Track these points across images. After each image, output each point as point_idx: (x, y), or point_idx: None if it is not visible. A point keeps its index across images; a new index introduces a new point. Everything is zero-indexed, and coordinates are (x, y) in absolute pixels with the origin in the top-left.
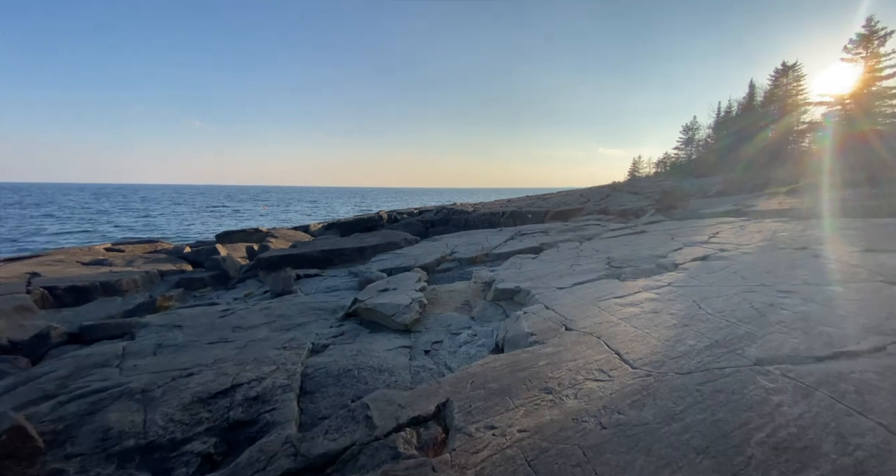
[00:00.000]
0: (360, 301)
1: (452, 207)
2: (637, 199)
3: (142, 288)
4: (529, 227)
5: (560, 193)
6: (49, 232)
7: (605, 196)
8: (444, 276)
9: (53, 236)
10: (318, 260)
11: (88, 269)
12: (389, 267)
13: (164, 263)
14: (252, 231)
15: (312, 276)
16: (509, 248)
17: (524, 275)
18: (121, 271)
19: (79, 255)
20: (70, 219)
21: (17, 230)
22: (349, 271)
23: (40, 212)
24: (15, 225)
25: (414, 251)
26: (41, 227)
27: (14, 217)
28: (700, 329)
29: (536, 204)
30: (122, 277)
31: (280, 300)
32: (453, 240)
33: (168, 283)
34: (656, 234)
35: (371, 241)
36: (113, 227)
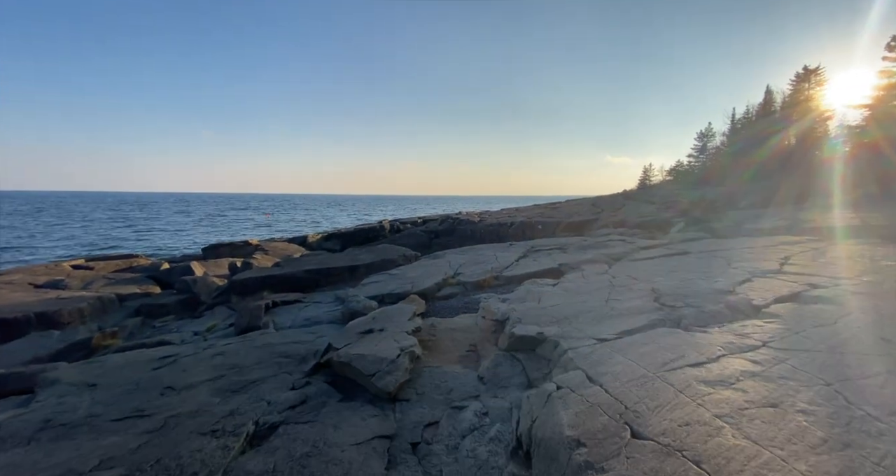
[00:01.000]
0: (335, 349)
1: (457, 217)
2: (656, 210)
3: (90, 317)
4: (543, 242)
5: (569, 202)
6: (28, 245)
7: (619, 206)
8: (446, 305)
9: (32, 250)
10: (303, 282)
11: (35, 293)
12: (382, 292)
13: (129, 285)
14: (241, 244)
15: (291, 303)
16: (523, 269)
17: (547, 312)
18: (70, 297)
19: (36, 275)
20: (58, 229)
21: None
22: (336, 296)
23: (35, 222)
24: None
25: (412, 272)
26: (22, 239)
27: (7, 228)
28: (879, 456)
29: (546, 214)
30: (65, 307)
31: (243, 339)
32: (457, 257)
33: (126, 309)
34: (702, 255)
35: (364, 258)
36: (100, 237)
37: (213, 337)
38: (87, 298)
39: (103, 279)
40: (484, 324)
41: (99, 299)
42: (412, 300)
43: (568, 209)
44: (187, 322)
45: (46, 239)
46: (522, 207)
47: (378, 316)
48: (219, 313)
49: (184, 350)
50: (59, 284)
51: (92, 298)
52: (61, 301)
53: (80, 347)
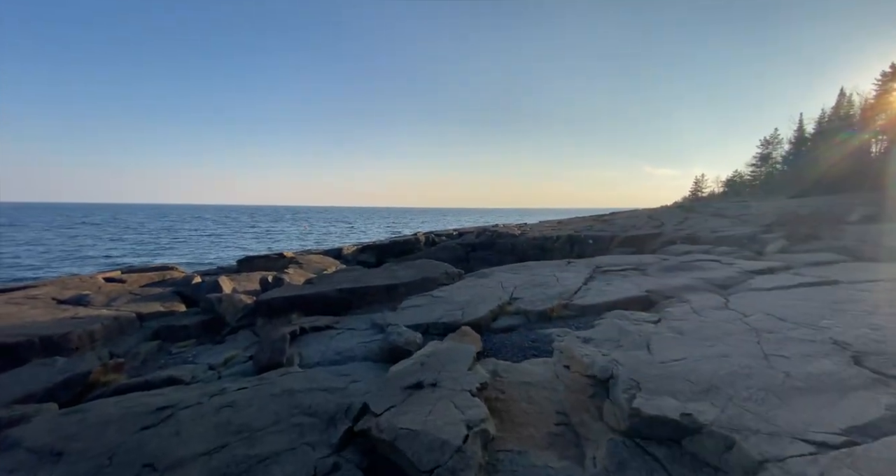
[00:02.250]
0: (374, 414)
1: (495, 230)
2: (731, 224)
3: (103, 341)
4: (609, 261)
5: (620, 214)
6: (77, 255)
7: (681, 219)
8: (507, 341)
9: (80, 259)
10: (335, 303)
11: (54, 310)
12: (426, 320)
13: (153, 302)
14: (275, 257)
15: (322, 330)
16: (598, 296)
17: (673, 371)
18: (86, 316)
19: (65, 289)
20: (108, 239)
21: (52, 252)
22: (372, 322)
23: (99, 232)
24: (55, 246)
25: (458, 294)
26: (73, 250)
27: (60, 237)
28: None
29: (595, 227)
30: (74, 329)
31: (259, 382)
32: (509, 276)
33: (145, 331)
34: (867, 286)
35: (403, 276)
36: (142, 247)
37: (228, 373)
38: (103, 318)
39: (129, 295)
40: (570, 378)
41: (116, 319)
42: (464, 334)
43: (622, 222)
44: (207, 349)
45: (93, 249)
46: (565, 220)
47: (428, 360)
48: (242, 339)
49: (187, 398)
50: (83, 300)
51: (109, 318)
52: (75, 321)
53: (77, 383)
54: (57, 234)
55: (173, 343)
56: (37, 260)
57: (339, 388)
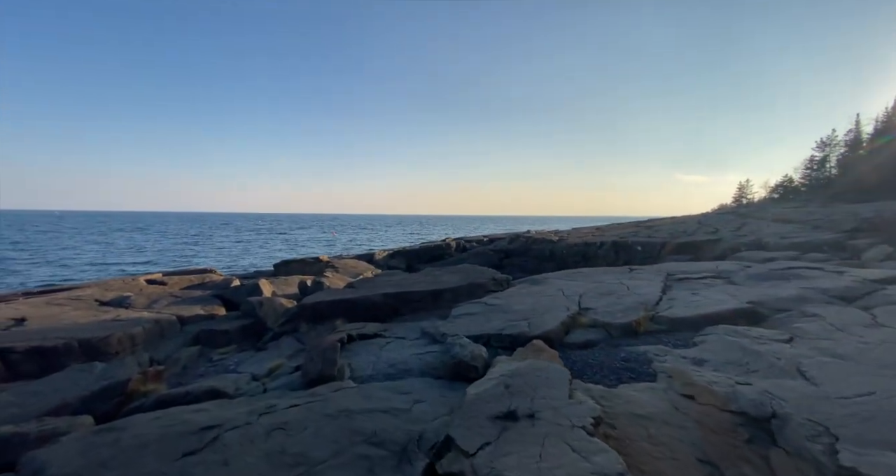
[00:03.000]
0: (465, 454)
1: (529, 236)
2: (801, 230)
3: (144, 345)
4: (678, 268)
5: (663, 221)
6: (115, 259)
7: (738, 225)
8: (590, 359)
9: (118, 264)
10: (380, 308)
11: (96, 312)
12: (485, 331)
13: (194, 305)
14: (311, 260)
15: (370, 338)
16: (687, 307)
17: (868, 409)
18: (127, 319)
19: (108, 290)
20: (152, 244)
21: (97, 256)
22: (422, 330)
23: (132, 238)
24: (98, 251)
25: (516, 302)
26: (113, 254)
27: (102, 242)
28: None
29: (641, 233)
30: (115, 332)
31: (311, 398)
32: (567, 283)
33: (185, 335)
34: None
35: (449, 281)
36: (178, 253)
37: (274, 385)
38: (144, 321)
39: (170, 297)
40: (700, 412)
41: (157, 322)
42: (538, 350)
43: (670, 228)
44: (249, 356)
45: (131, 254)
46: (603, 226)
47: (512, 382)
48: (285, 346)
49: (233, 416)
50: (125, 302)
51: (150, 321)
52: (116, 324)
53: (115, 393)
54: (97, 241)
55: (214, 349)
56: (79, 263)
57: (403, 409)
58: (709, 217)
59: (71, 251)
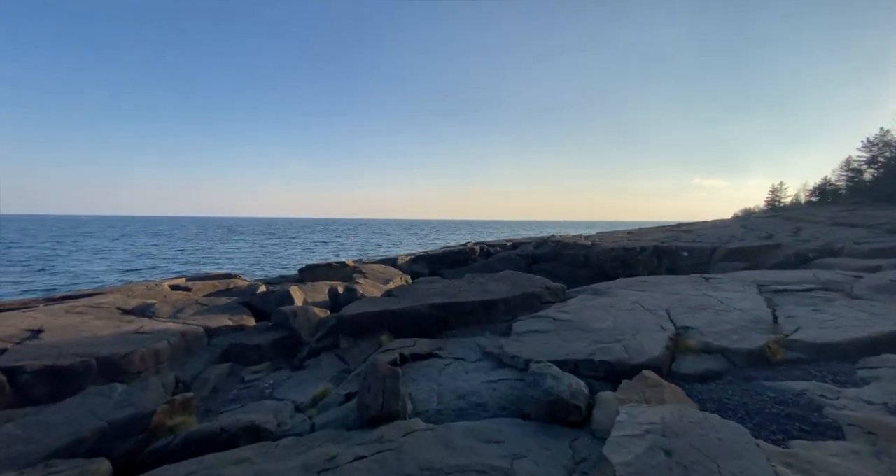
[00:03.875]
0: None
1: (558, 240)
2: (876, 235)
3: (169, 362)
4: (771, 277)
5: (703, 224)
6: (137, 263)
7: (793, 229)
8: (721, 396)
9: (140, 268)
10: (427, 321)
11: (118, 322)
12: (570, 356)
13: (220, 314)
14: (338, 265)
15: (424, 358)
16: (821, 329)
17: None
18: (151, 331)
19: (131, 297)
20: (172, 247)
21: (114, 261)
22: (482, 350)
23: (157, 242)
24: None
25: (589, 317)
26: (133, 259)
27: (123, 248)
28: None
29: (683, 238)
30: (137, 348)
31: (379, 448)
32: (641, 295)
33: (213, 349)
34: None
35: (498, 290)
36: (198, 257)
37: (323, 420)
38: (169, 334)
39: (196, 305)
40: None
41: (183, 336)
42: (655, 386)
43: (710, 232)
44: (285, 376)
45: (152, 259)
46: (634, 230)
47: (675, 448)
48: (326, 364)
49: (284, 472)
50: (148, 311)
51: (175, 334)
52: (139, 337)
53: (137, 427)
54: (119, 244)
55: (245, 366)
56: (101, 267)
57: (500, 468)
58: (752, 221)
59: (94, 255)
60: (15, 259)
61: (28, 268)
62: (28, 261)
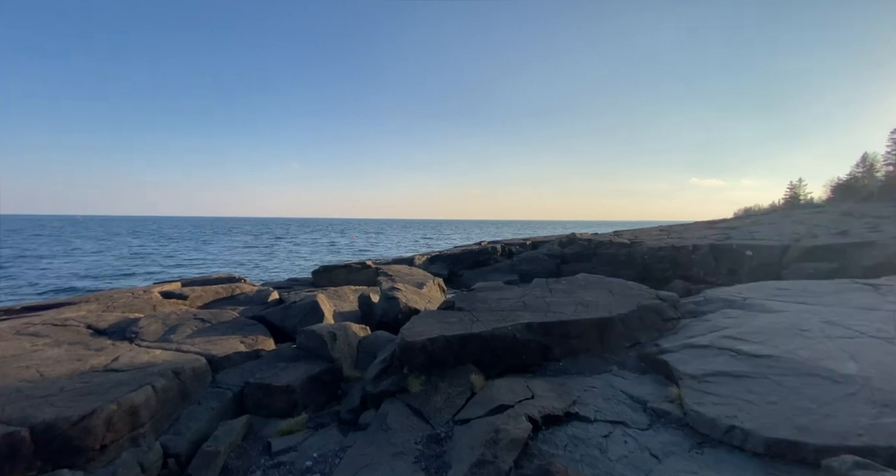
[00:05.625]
0: None
1: (589, 238)
2: None
3: (153, 421)
4: None
5: (738, 221)
6: (127, 266)
7: (869, 226)
8: None
9: (130, 273)
10: (524, 349)
11: (80, 352)
12: (838, 432)
13: (228, 334)
14: (358, 266)
15: (560, 423)
16: None
17: None
18: (127, 367)
19: (111, 308)
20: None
21: (119, 259)
22: (634, 400)
23: (148, 243)
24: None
25: (798, 348)
26: (123, 260)
27: (117, 247)
28: None
29: (733, 235)
30: (104, 402)
31: None
32: (817, 310)
33: (221, 392)
34: None
35: (600, 302)
36: (185, 259)
37: None
38: (156, 370)
39: (194, 320)
40: None
41: (176, 375)
42: None
43: (767, 230)
44: (334, 443)
45: (144, 259)
46: (666, 226)
47: None
48: (395, 422)
49: None
50: (128, 331)
51: (165, 373)
52: (110, 379)
53: None
54: (107, 244)
55: (269, 418)
56: (90, 271)
57: None
58: (799, 216)
59: (84, 255)
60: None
61: None
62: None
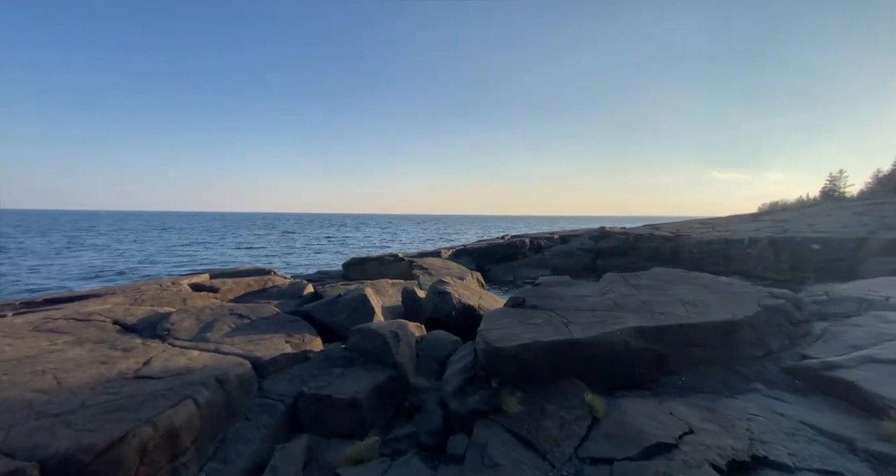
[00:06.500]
0: None
1: (625, 232)
2: None
3: (195, 445)
4: None
5: (794, 213)
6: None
7: None
8: None
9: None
10: (636, 359)
11: (105, 352)
12: None
13: (270, 332)
14: (391, 259)
15: (748, 471)
16: None
17: None
18: (160, 374)
19: (139, 300)
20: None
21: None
22: (823, 433)
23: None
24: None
25: None
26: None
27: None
28: None
29: (789, 228)
30: (137, 422)
31: None
32: None
33: (271, 404)
34: None
35: (707, 301)
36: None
37: None
38: (194, 379)
39: (230, 315)
40: None
41: (220, 385)
42: None
43: (825, 221)
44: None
45: (167, 253)
46: (704, 219)
47: None
48: (500, 454)
49: None
50: (160, 327)
51: (206, 381)
52: (141, 389)
53: None
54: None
55: (328, 437)
56: (115, 263)
57: None
58: (858, 208)
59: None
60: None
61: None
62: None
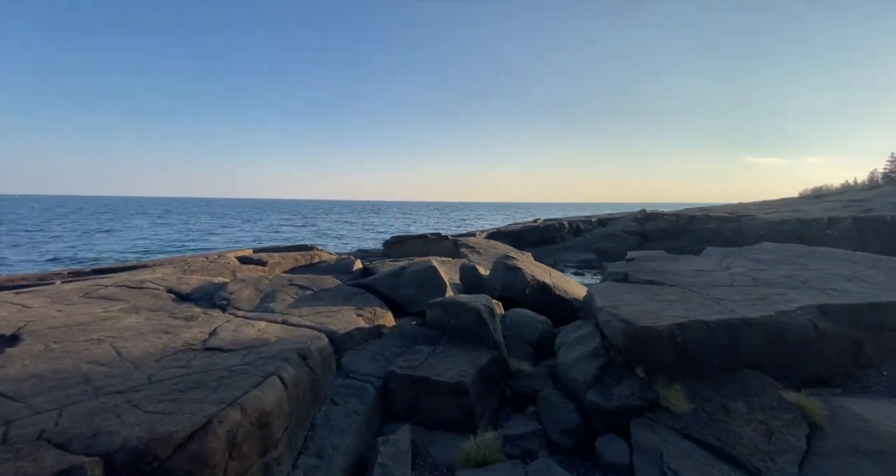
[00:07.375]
0: None
1: (677, 214)
2: None
3: (287, 435)
4: None
5: (868, 193)
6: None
7: None
8: None
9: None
10: (825, 347)
11: (166, 320)
12: None
13: (338, 303)
14: (433, 237)
15: None
16: None
17: None
18: (230, 345)
19: (188, 271)
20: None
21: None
22: None
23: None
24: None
25: None
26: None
27: None
28: None
29: (876, 208)
30: (220, 405)
31: None
32: None
33: (358, 385)
34: None
35: (875, 277)
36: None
37: None
38: (273, 353)
39: (291, 287)
40: None
41: (304, 359)
42: None
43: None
44: None
45: (204, 235)
46: (758, 202)
47: None
48: (683, 466)
49: None
50: (218, 297)
51: (288, 355)
52: (213, 361)
53: None
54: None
55: (430, 429)
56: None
57: None
58: None
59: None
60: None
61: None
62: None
